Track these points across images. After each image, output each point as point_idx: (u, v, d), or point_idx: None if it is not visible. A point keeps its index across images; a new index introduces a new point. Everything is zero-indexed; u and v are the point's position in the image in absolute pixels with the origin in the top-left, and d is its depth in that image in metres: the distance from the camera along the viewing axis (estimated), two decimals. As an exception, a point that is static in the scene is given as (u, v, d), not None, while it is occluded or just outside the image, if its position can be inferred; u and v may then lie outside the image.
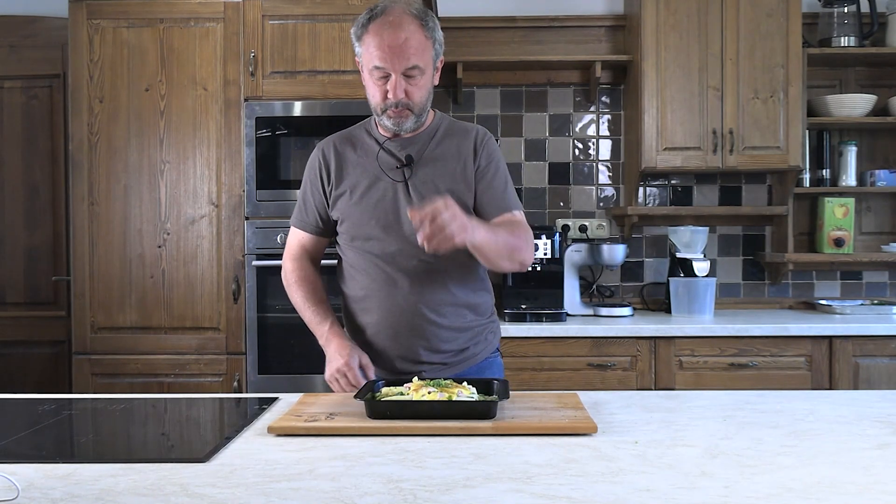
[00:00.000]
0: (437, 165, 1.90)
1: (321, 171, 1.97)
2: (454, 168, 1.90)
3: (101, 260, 3.12)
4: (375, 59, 1.79)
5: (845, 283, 3.76)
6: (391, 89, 1.80)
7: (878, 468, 1.29)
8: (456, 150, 1.92)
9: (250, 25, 3.09)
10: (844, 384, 3.12)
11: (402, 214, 1.86)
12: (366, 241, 1.91)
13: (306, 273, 2.01)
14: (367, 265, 1.92)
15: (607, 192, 3.77)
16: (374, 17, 1.80)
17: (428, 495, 1.16)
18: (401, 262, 1.88)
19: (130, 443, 1.61)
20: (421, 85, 1.83)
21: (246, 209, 3.10)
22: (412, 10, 1.81)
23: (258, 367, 3.08)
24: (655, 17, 3.36)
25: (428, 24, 1.82)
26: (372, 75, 1.83)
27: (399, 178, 1.89)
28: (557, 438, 1.47)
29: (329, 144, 1.99)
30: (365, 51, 1.82)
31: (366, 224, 1.90)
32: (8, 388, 2.76)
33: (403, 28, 1.77)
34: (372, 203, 1.90)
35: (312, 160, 2.00)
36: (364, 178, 1.91)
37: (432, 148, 1.92)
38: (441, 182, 1.88)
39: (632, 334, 3.13)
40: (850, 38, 3.52)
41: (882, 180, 3.60)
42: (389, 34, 1.77)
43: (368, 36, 1.80)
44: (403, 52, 1.77)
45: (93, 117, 3.11)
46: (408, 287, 1.88)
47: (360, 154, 1.95)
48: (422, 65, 1.81)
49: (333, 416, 1.60)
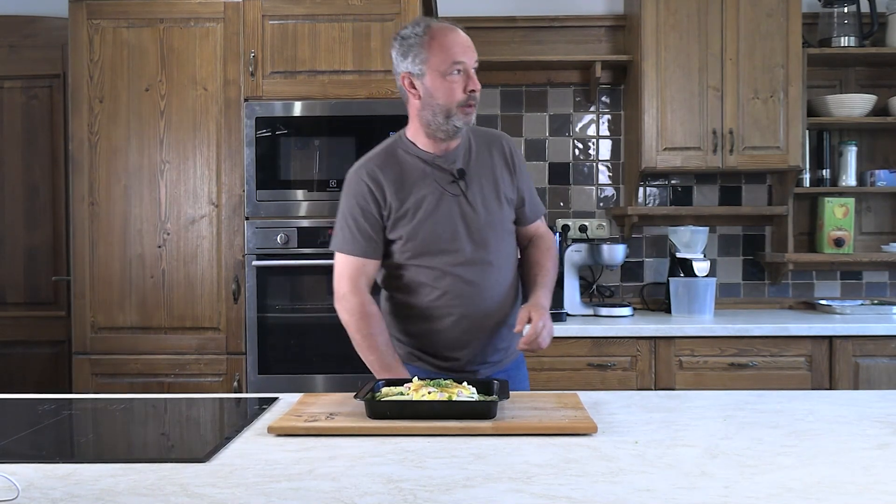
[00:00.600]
0: (483, 174, 2.02)
1: (372, 196, 1.98)
2: (498, 176, 2.04)
3: (101, 260, 3.12)
4: (456, 55, 1.92)
5: (845, 283, 3.76)
6: (473, 79, 1.93)
7: (878, 468, 1.29)
8: (493, 159, 2.05)
9: (250, 25, 3.09)
10: (844, 384, 3.12)
11: (464, 225, 1.98)
12: (434, 256, 1.98)
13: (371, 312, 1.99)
14: (436, 277, 1.99)
15: (607, 192, 3.77)
16: (430, 26, 1.95)
17: (428, 495, 1.16)
18: (469, 270, 1.99)
19: (130, 443, 1.62)
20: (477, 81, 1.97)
21: (246, 209, 3.10)
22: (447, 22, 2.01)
23: (258, 367, 3.08)
24: (655, 17, 3.36)
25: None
26: (450, 75, 1.92)
27: (456, 191, 1.99)
28: (557, 438, 1.47)
29: (372, 170, 2.00)
30: (438, 53, 1.92)
31: (436, 240, 1.98)
32: (8, 388, 2.76)
33: (458, 30, 1.97)
34: (439, 219, 1.97)
35: (358, 187, 1.99)
36: (425, 197, 1.98)
37: (473, 159, 2.03)
38: (490, 190, 2.02)
39: (632, 334, 3.13)
40: (850, 38, 3.52)
41: (882, 180, 3.60)
42: (455, 35, 1.95)
43: (435, 41, 1.93)
44: (472, 47, 1.96)
45: (93, 117, 3.11)
46: (476, 292, 2.00)
47: (411, 174, 1.99)
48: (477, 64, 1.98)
49: (333, 416, 1.60)
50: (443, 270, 1.98)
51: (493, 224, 2.01)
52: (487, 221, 1.99)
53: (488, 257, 1.99)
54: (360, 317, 1.98)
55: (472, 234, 1.98)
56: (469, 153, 2.02)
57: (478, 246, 1.98)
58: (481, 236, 1.99)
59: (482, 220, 1.99)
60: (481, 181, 2.01)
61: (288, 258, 3.07)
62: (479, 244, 1.98)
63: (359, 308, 1.98)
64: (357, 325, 1.98)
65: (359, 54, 3.08)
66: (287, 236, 3.07)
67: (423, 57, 1.92)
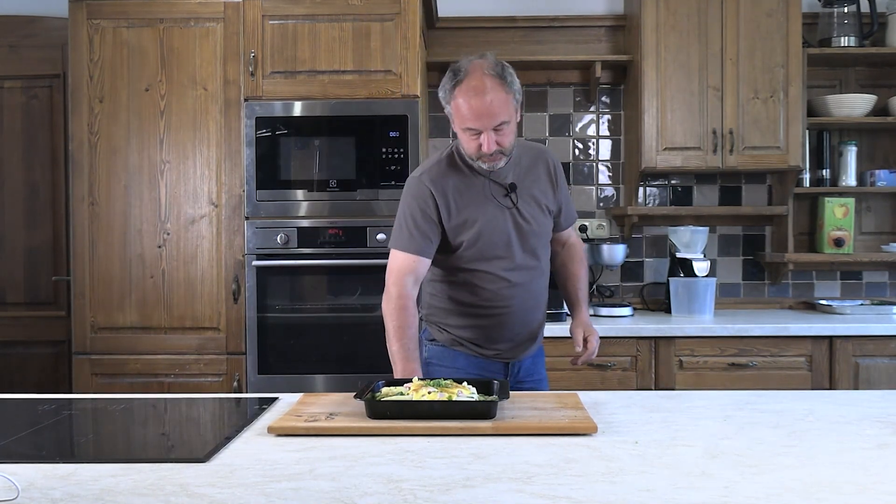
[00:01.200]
0: (531, 189, 2.17)
1: (435, 203, 2.10)
2: (543, 190, 2.20)
3: (101, 260, 3.12)
4: (468, 122, 1.99)
5: (845, 283, 3.76)
6: (485, 144, 2.00)
7: (878, 468, 1.29)
8: (539, 174, 2.20)
9: (250, 25, 3.09)
10: (844, 384, 3.12)
11: (517, 234, 2.15)
12: (490, 262, 2.14)
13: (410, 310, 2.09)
14: (490, 280, 2.15)
15: (607, 192, 3.77)
16: (459, 83, 1.98)
17: (428, 495, 1.16)
18: (519, 274, 2.16)
19: (130, 443, 1.62)
20: (508, 132, 2.03)
21: (246, 209, 3.10)
22: (490, 69, 1.98)
23: (258, 367, 3.08)
24: (655, 17, 3.36)
25: (507, 80, 2.00)
26: (465, 133, 2.02)
27: (509, 204, 2.14)
28: (557, 438, 1.47)
29: (435, 177, 2.12)
30: (456, 113, 2.02)
31: (492, 247, 2.13)
32: (8, 388, 2.77)
33: (487, 91, 1.96)
34: (495, 229, 2.13)
35: (420, 190, 2.12)
36: (484, 209, 2.12)
37: (522, 174, 2.17)
38: (539, 201, 2.18)
39: (632, 334, 3.13)
40: (850, 38, 3.52)
41: (882, 180, 3.60)
42: (476, 100, 1.96)
43: (457, 100, 1.99)
44: (491, 113, 1.97)
45: (93, 117, 3.11)
46: (524, 293, 2.18)
47: (471, 186, 2.13)
48: (507, 118, 2.00)
49: (333, 416, 1.60)
50: (496, 274, 2.14)
51: (540, 233, 2.19)
52: (535, 231, 2.17)
53: (535, 263, 2.19)
54: (398, 308, 2.07)
55: (523, 243, 2.15)
56: (519, 168, 2.16)
57: (526, 253, 2.16)
58: (530, 244, 2.16)
59: (531, 229, 2.16)
60: (529, 194, 2.16)
61: (288, 258, 3.07)
62: (528, 251, 2.17)
63: (399, 302, 2.08)
64: (392, 314, 2.08)
65: (359, 54, 3.08)
66: (287, 236, 3.07)
67: (448, 109, 2.05)
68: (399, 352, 2.04)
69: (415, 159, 3.06)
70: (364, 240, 3.07)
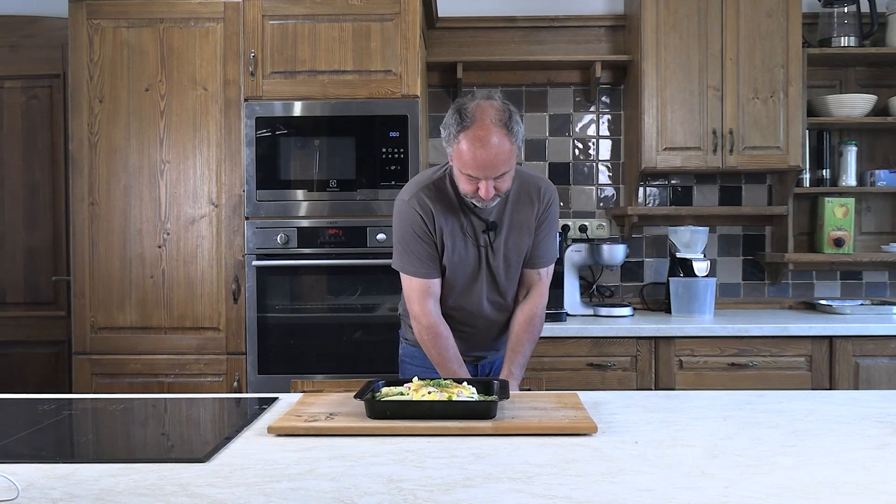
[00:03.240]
0: (512, 229, 2.14)
1: (425, 224, 2.11)
2: (526, 230, 2.16)
3: (101, 260, 3.12)
4: (469, 170, 1.96)
5: (845, 283, 3.76)
6: (483, 191, 1.97)
7: (878, 468, 1.29)
8: (526, 212, 2.15)
9: (250, 25, 3.09)
10: (844, 384, 3.12)
11: (487, 272, 2.14)
12: (454, 289, 2.16)
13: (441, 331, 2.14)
14: (452, 308, 2.17)
15: (607, 192, 3.76)
16: (465, 129, 1.94)
17: (428, 495, 1.16)
18: (483, 307, 2.18)
19: (130, 443, 1.62)
20: (507, 179, 2.01)
21: (246, 209, 3.10)
22: (497, 116, 1.94)
23: (258, 367, 3.08)
24: (655, 17, 3.36)
25: (512, 130, 1.95)
26: (464, 176, 1.99)
27: (484, 242, 2.13)
28: (557, 438, 1.47)
29: (425, 202, 2.10)
30: (457, 156, 1.98)
31: (457, 278, 2.14)
32: (8, 388, 2.76)
33: (492, 142, 1.92)
34: (464, 262, 2.13)
35: (412, 215, 2.11)
36: (458, 238, 2.12)
37: (510, 212, 2.13)
38: (514, 246, 2.15)
39: (632, 334, 3.13)
40: (850, 38, 3.52)
41: (882, 180, 3.59)
42: (482, 152, 1.92)
43: (460, 145, 1.95)
44: (494, 165, 1.94)
45: (93, 117, 3.11)
46: (487, 324, 2.22)
47: (454, 215, 2.12)
48: (508, 168, 1.98)
49: (333, 416, 1.60)
50: (459, 304, 2.17)
51: (508, 271, 2.17)
52: (503, 270, 2.16)
53: (501, 301, 2.19)
54: (432, 336, 2.13)
55: (492, 281, 2.16)
56: (506, 204, 2.12)
57: (493, 291, 2.17)
58: (498, 282, 2.16)
59: (499, 268, 2.15)
60: (511, 233, 2.14)
61: (288, 258, 3.07)
62: (495, 289, 2.17)
63: (431, 329, 2.13)
64: (431, 342, 2.13)
65: (359, 54, 3.08)
66: (287, 236, 3.07)
67: (450, 151, 2.01)
68: (446, 374, 2.10)
69: (415, 159, 3.06)
70: (364, 240, 3.07)
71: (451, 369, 2.11)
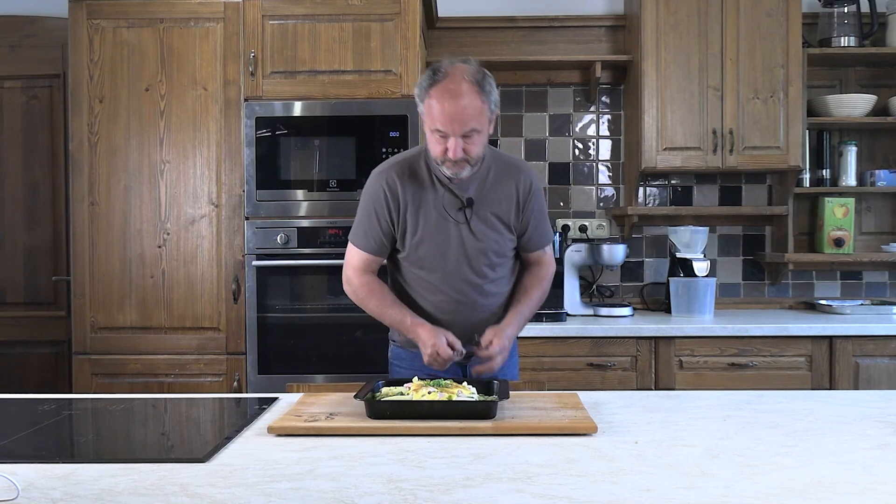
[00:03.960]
0: (491, 206, 2.10)
1: (388, 201, 2.09)
2: (506, 210, 2.12)
3: (101, 260, 3.12)
4: (437, 124, 1.95)
5: (845, 283, 3.76)
6: (451, 150, 1.95)
7: (878, 468, 1.29)
8: (506, 192, 2.12)
9: (250, 25, 3.09)
10: (844, 384, 3.12)
11: (462, 251, 2.09)
12: (432, 272, 2.11)
13: (375, 286, 2.15)
14: (432, 290, 2.12)
15: (607, 192, 3.76)
16: (436, 83, 1.94)
17: (428, 495, 1.16)
18: (461, 289, 2.11)
19: (130, 443, 1.62)
20: (477, 142, 1.98)
21: (246, 209, 3.10)
22: (469, 75, 1.95)
23: (258, 367, 3.08)
24: (655, 17, 3.36)
25: (485, 89, 1.95)
26: (433, 134, 1.98)
27: (461, 219, 2.08)
28: (557, 438, 1.47)
29: (393, 178, 2.10)
30: (427, 112, 1.97)
31: (433, 258, 2.10)
32: (8, 388, 2.76)
33: (462, 96, 1.92)
34: (439, 241, 2.09)
35: (376, 189, 2.10)
36: (431, 217, 2.08)
37: (487, 189, 2.10)
38: (496, 220, 2.11)
39: (632, 334, 3.13)
40: (850, 38, 3.52)
41: (882, 180, 3.59)
42: (449, 103, 1.92)
43: (431, 100, 1.95)
44: (462, 119, 1.92)
45: (93, 117, 3.11)
46: (468, 310, 2.13)
47: (425, 191, 2.09)
48: (479, 127, 1.96)
49: (333, 416, 1.60)
50: (437, 286, 2.11)
51: (489, 251, 2.11)
52: (484, 248, 2.10)
53: (481, 281, 2.12)
54: (368, 290, 2.13)
55: (470, 260, 2.10)
56: (484, 182, 2.10)
57: (473, 270, 2.11)
58: (476, 261, 2.10)
59: (480, 247, 2.10)
60: (489, 211, 2.10)
61: (288, 258, 3.07)
62: (474, 269, 2.11)
63: (364, 284, 2.13)
64: (366, 295, 2.13)
65: (359, 54, 3.08)
66: (287, 236, 3.07)
67: (421, 108, 2.00)
68: (396, 315, 2.08)
69: (415, 159, 3.06)
70: (364, 240, 3.06)
71: (391, 314, 2.09)
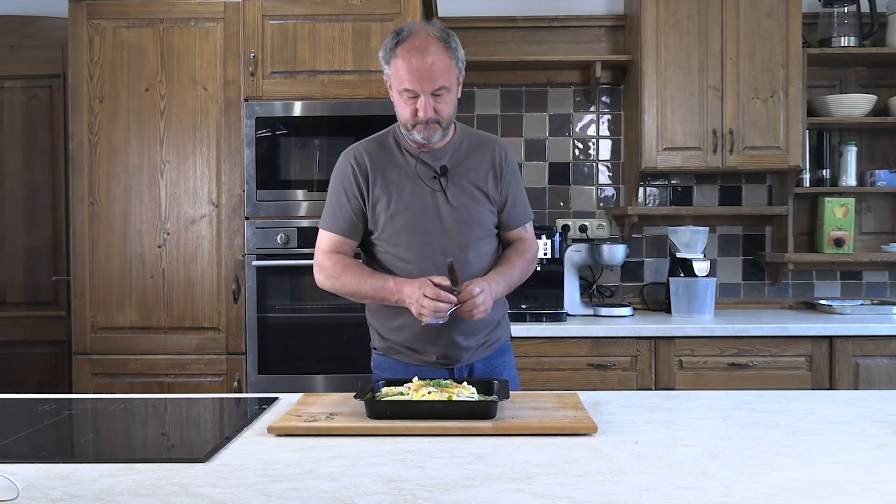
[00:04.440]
0: (468, 175, 2.05)
1: (357, 178, 2.05)
2: (483, 178, 2.06)
3: (101, 260, 3.12)
4: (405, 82, 1.92)
5: (845, 283, 3.76)
6: (421, 108, 1.92)
7: (878, 468, 1.29)
8: (481, 162, 2.07)
9: (250, 25, 3.09)
10: (844, 384, 3.12)
11: (439, 220, 2.02)
12: (408, 248, 2.02)
13: (348, 261, 2.08)
14: (407, 270, 2.01)
15: (607, 192, 3.76)
16: (402, 42, 1.92)
17: (428, 495, 1.16)
18: (437, 263, 1.98)
19: (130, 443, 1.62)
20: (447, 101, 1.95)
21: (246, 209, 3.10)
22: (435, 32, 1.93)
23: (258, 367, 3.08)
24: (655, 17, 3.36)
25: (451, 45, 1.94)
26: (402, 95, 1.94)
27: (437, 187, 2.03)
28: (557, 438, 1.47)
29: (361, 153, 2.07)
30: (394, 73, 1.94)
31: (410, 231, 2.02)
32: (8, 388, 2.76)
33: (429, 52, 1.90)
34: (415, 212, 2.02)
35: (344, 167, 2.07)
36: (405, 188, 2.03)
37: (461, 159, 2.06)
38: (474, 188, 2.05)
39: (632, 334, 3.13)
40: (850, 38, 3.52)
41: (882, 180, 3.60)
42: (417, 59, 1.89)
43: (397, 60, 1.92)
44: (431, 75, 1.90)
45: (93, 117, 3.11)
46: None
47: (395, 164, 2.05)
48: (447, 84, 1.94)
49: (333, 416, 1.60)
50: (416, 262, 2.01)
51: (470, 222, 2.04)
52: (464, 219, 2.03)
53: (461, 254, 2.00)
54: (341, 266, 2.04)
55: (447, 230, 2.02)
56: (457, 152, 2.06)
57: (452, 241, 2.01)
58: (456, 232, 2.02)
59: (459, 216, 2.02)
60: (464, 181, 2.04)
61: (288, 258, 3.07)
62: (454, 240, 2.02)
63: (336, 262, 2.04)
64: (340, 271, 2.03)
65: (359, 54, 3.08)
66: (287, 236, 3.07)
67: (387, 71, 1.98)
68: (376, 283, 1.98)
69: (415, 159, 3.06)
70: (364, 240, 3.06)
71: (370, 283, 1.98)
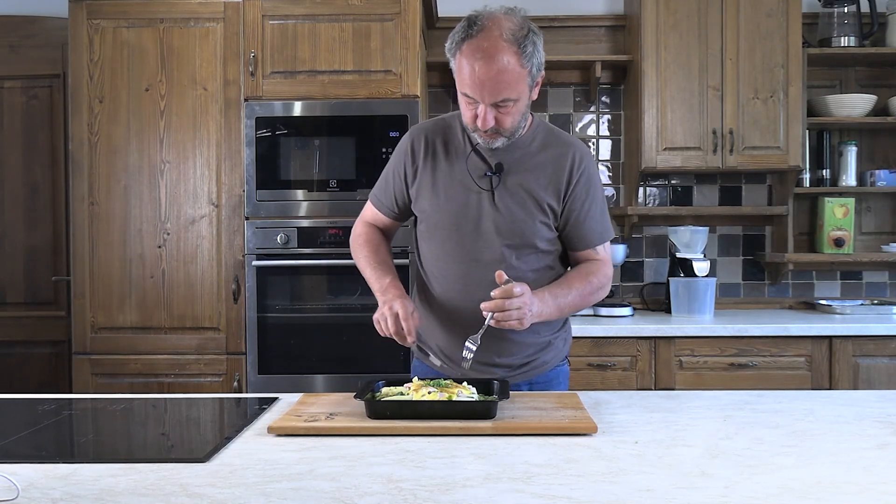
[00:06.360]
0: (527, 176, 1.83)
1: (407, 159, 1.90)
2: (545, 183, 1.84)
3: (101, 260, 3.12)
4: (466, 88, 1.72)
5: (845, 283, 3.76)
6: (480, 118, 1.72)
7: (878, 468, 1.29)
8: (550, 164, 1.85)
9: (250, 25, 3.09)
10: (844, 384, 3.12)
11: (480, 225, 1.83)
12: (439, 245, 1.89)
13: (372, 237, 2.01)
14: (432, 262, 1.92)
15: (607, 192, 3.76)
16: (470, 38, 1.69)
17: (428, 495, 1.16)
18: (470, 266, 1.85)
19: (130, 443, 1.61)
20: (512, 112, 1.75)
21: (246, 209, 3.10)
22: (508, 34, 1.70)
23: (258, 367, 3.08)
24: (655, 17, 3.36)
25: (525, 51, 1.71)
26: (463, 98, 1.75)
27: (486, 186, 1.83)
28: (557, 438, 1.47)
29: (420, 134, 1.91)
30: (457, 71, 1.72)
31: (443, 228, 1.87)
32: (8, 388, 2.77)
33: (497, 59, 1.67)
34: (455, 209, 1.85)
35: (404, 145, 1.93)
36: (451, 180, 1.85)
37: (526, 158, 1.84)
38: (527, 195, 1.83)
39: (632, 334, 3.13)
40: (850, 38, 3.52)
41: (882, 180, 3.60)
42: (481, 66, 1.66)
43: (461, 57, 1.70)
44: (495, 86, 1.68)
45: (93, 117, 3.11)
46: (469, 292, 1.82)
47: (450, 151, 1.87)
48: (513, 95, 1.72)
49: (333, 416, 1.60)
50: (445, 264, 1.88)
51: (513, 233, 1.83)
52: (507, 227, 1.82)
53: (494, 266, 1.77)
54: (364, 238, 1.99)
55: (484, 236, 1.83)
56: (525, 150, 1.84)
57: (486, 249, 1.83)
58: (494, 240, 1.83)
59: (501, 224, 1.82)
60: (519, 185, 1.82)
61: (288, 258, 3.07)
62: (489, 248, 1.83)
63: (363, 233, 2.00)
64: (361, 244, 1.98)
65: (359, 54, 3.08)
66: (287, 236, 3.07)
67: (452, 64, 1.75)
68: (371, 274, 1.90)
69: (415, 159, 3.06)
70: (364, 240, 3.06)
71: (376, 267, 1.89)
